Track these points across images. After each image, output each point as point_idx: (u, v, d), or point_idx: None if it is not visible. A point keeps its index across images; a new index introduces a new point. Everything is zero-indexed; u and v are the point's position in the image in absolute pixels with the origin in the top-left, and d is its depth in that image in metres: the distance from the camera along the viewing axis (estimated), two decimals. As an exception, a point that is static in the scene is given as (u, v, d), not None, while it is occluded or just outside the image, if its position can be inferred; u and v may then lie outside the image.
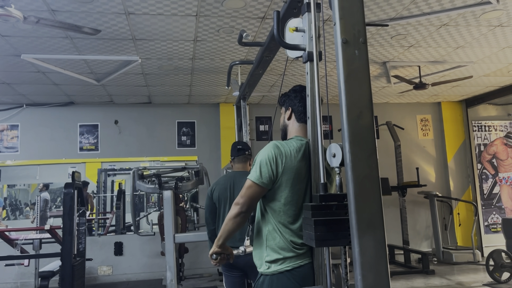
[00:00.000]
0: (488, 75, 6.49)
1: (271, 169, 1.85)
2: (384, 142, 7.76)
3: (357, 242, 1.30)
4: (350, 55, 1.42)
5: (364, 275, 1.29)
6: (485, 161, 8.07)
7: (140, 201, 7.80)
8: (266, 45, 2.96)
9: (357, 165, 1.35)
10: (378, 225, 1.33)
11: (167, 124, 7.38)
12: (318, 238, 1.49)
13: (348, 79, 1.40)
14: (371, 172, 1.36)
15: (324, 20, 3.90)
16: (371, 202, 1.34)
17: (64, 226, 4.51)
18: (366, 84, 1.42)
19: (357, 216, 1.32)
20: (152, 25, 4.13)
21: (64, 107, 7.07)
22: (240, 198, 1.88)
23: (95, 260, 6.46)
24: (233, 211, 1.90)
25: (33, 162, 7.01)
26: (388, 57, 5.44)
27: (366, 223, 1.31)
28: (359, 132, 1.38)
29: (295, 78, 6.12)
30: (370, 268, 1.30)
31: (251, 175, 1.88)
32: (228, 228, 1.94)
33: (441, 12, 4.09)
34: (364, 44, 1.44)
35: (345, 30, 1.43)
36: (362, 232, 1.31)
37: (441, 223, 7.59)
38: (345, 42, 1.42)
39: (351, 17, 1.44)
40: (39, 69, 5.27)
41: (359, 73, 1.41)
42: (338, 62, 1.42)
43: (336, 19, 1.44)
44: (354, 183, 1.34)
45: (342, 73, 1.40)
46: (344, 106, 1.39)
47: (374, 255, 1.30)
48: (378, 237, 1.32)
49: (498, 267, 5.49)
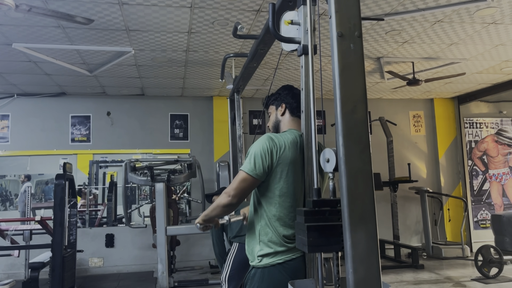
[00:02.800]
0: (481, 72, 6.53)
1: (266, 161, 1.84)
2: (376, 138, 7.79)
3: (349, 236, 1.31)
4: (345, 48, 1.41)
5: (356, 268, 1.29)
6: (476, 158, 8.15)
7: (132, 193, 7.78)
8: (261, 38, 2.95)
9: (350, 159, 1.35)
10: (370, 218, 1.33)
11: (160, 117, 7.35)
12: (311, 243, 1.49)
13: (343, 73, 1.40)
14: (364, 166, 1.36)
15: (320, 14, 3.89)
16: (363, 196, 1.34)
17: (55, 218, 4.49)
18: (360, 78, 1.41)
19: (349, 209, 1.32)
20: (146, 16, 4.09)
21: (55, 97, 7.00)
22: (232, 189, 1.87)
23: (86, 252, 6.44)
24: (223, 200, 1.89)
25: (23, 153, 6.94)
26: (382, 52, 5.45)
27: (358, 217, 1.32)
28: (353, 126, 1.38)
29: (289, 72, 6.11)
30: (362, 262, 1.30)
31: (244, 166, 1.86)
32: (216, 213, 1.98)
33: (436, 9, 4.10)
34: (359, 38, 1.43)
35: (340, 24, 1.42)
36: (354, 225, 1.31)
37: (431, 219, 7.66)
38: (340, 35, 1.41)
39: (347, 11, 1.44)
40: (30, 59, 5.21)
41: (354, 66, 1.41)
42: (333, 56, 1.42)
43: (332, 12, 1.43)
44: (347, 176, 1.34)
45: (337, 66, 1.40)
46: (339, 99, 1.39)
47: (366, 248, 1.31)
48: (370, 231, 1.32)
49: (487, 263, 5.56)
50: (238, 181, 1.86)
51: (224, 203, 1.89)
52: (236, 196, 1.86)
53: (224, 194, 1.89)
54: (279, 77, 6.31)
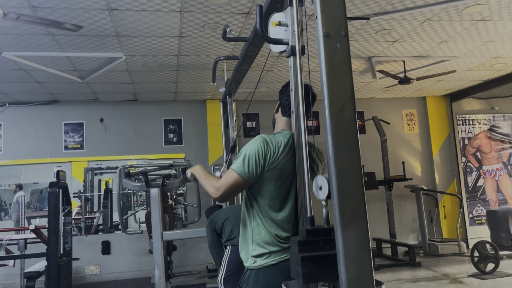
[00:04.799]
0: (471, 69, 6.57)
1: (259, 164, 1.83)
2: (370, 137, 7.82)
3: (340, 234, 1.31)
4: (331, 48, 1.41)
5: (348, 267, 1.29)
6: (469, 155, 8.19)
7: (127, 199, 7.74)
8: (250, 40, 2.95)
9: (339, 158, 1.35)
10: (361, 217, 1.33)
11: (154, 122, 7.33)
12: (306, 275, 1.46)
13: (330, 72, 1.40)
14: (353, 165, 1.36)
15: (309, 15, 3.90)
16: (353, 195, 1.34)
17: (49, 226, 4.46)
18: (348, 77, 1.42)
19: (340, 208, 1.32)
20: (136, 21, 4.09)
21: (48, 105, 6.97)
22: (221, 186, 1.85)
23: (82, 260, 6.40)
24: (211, 190, 1.90)
25: (17, 162, 6.90)
26: (373, 52, 5.47)
27: (349, 215, 1.32)
28: (342, 125, 1.38)
29: (282, 74, 6.13)
30: (354, 260, 1.30)
31: (237, 167, 1.84)
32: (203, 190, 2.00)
33: (424, 7, 4.13)
34: (345, 37, 1.44)
35: (326, 24, 1.43)
36: (345, 224, 1.31)
37: (427, 216, 7.69)
38: (326, 35, 1.42)
39: (333, 11, 1.44)
40: (21, 67, 5.18)
41: (341, 66, 1.42)
42: (320, 56, 1.42)
43: (317, 12, 1.44)
44: (337, 175, 1.34)
45: (324, 66, 1.40)
46: (327, 99, 1.39)
47: (357, 247, 1.31)
48: (361, 229, 1.32)
49: (483, 258, 5.59)
50: (228, 180, 1.85)
51: (210, 193, 1.91)
52: (223, 195, 1.86)
53: (213, 188, 1.88)
54: (272, 79, 6.32)
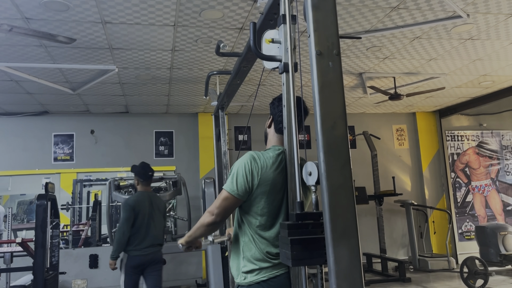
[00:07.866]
0: (460, 87, 6.69)
1: (247, 181, 1.84)
2: (361, 152, 7.87)
3: (331, 251, 1.31)
4: (324, 66, 1.44)
5: (339, 284, 1.29)
6: (458, 170, 8.28)
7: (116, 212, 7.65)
8: (243, 56, 2.97)
9: (331, 175, 1.37)
10: (353, 234, 1.34)
11: (145, 134, 7.30)
12: (295, 257, 1.49)
13: (322, 90, 1.42)
14: (345, 182, 1.38)
15: (301, 32, 3.96)
16: (345, 212, 1.35)
17: (36, 239, 4.39)
18: (340, 95, 1.44)
19: (331, 225, 1.32)
20: (129, 34, 4.10)
21: (38, 116, 6.92)
22: (215, 208, 1.87)
23: (69, 274, 6.27)
24: (207, 219, 1.89)
25: (4, 173, 6.81)
26: (364, 68, 5.54)
27: (340, 233, 1.32)
28: (333, 142, 1.40)
29: (273, 89, 6.17)
30: (345, 277, 1.30)
31: (227, 185, 1.87)
32: (200, 233, 1.98)
33: (414, 26, 4.21)
34: (337, 56, 1.46)
35: (319, 42, 1.45)
36: (337, 241, 1.32)
37: (417, 231, 7.72)
38: (319, 54, 1.44)
39: (325, 30, 1.47)
40: (12, 78, 5.15)
41: (333, 84, 1.44)
42: (312, 74, 1.44)
43: (310, 31, 1.46)
44: (328, 192, 1.35)
45: (317, 84, 1.42)
46: (319, 116, 1.41)
47: (349, 264, 1.31)
48: (352, 246, 1.33)
49: (472, 274, 5.61)
50: (220, 199, 1.87)
51: (208, 221, 1.89)
52: (219, 214, 1.86)
53: (208, 213, 1.89)
54: (264, 93, 6.36)
